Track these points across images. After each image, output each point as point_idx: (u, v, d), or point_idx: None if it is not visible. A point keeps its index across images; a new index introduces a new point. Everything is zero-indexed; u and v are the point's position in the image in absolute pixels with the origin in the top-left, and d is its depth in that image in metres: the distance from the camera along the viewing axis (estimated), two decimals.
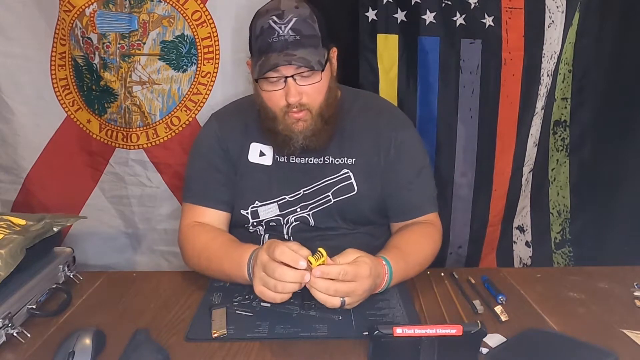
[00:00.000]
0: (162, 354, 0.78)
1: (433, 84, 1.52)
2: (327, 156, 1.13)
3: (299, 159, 1.14)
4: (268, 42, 1.01)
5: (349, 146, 1.14)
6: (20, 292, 0.89)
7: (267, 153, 1.15)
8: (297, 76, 1.02)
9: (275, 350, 0.81)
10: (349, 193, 1.12)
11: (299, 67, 1.01)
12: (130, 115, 1.51)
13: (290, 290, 0.85)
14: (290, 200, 1.13)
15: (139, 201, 1.57)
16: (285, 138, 1.07)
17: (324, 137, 1.09)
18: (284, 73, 1.02)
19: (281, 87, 1.03)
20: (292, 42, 1.00)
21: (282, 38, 1.00)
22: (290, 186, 1.13)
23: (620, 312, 0.93)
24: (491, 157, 1.57)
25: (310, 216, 1.13)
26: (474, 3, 1.46)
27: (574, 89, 1.62)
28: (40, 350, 0.82)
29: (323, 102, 1.07)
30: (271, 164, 1.15)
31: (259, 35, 1.03)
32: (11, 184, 1.56)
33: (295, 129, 1.06)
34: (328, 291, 0.84)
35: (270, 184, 1.14)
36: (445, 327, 0.72)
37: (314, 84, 1.04)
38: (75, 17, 1.42)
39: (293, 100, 1.03)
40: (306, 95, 1.04)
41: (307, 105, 1.05)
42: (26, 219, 1.01)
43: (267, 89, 1.05)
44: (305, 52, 1.01)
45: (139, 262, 1.62)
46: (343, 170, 1.13)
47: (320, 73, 1.04)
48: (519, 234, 1.72)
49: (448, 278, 1.06)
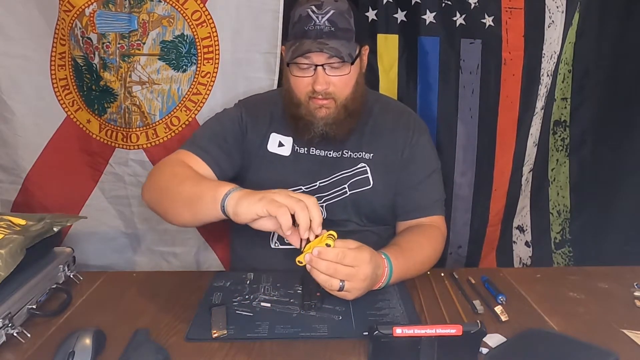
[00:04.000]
0: (162, 354, 0.78)
1: (433, 84, 1.52)
2: (346, 150, 1.16)
3: (318, 151, 1.17)
4: (304, 30, 1.05)
5: (367, 142, 1.17)
6: (20, 292, 0.88)
7: (286, 144, 1.18)
8: (327, 66, 1.06)
9: (275, 350, 0.81)
10: (365, 186, 1.14)
11: (330, 57, 1.05)
12: (130, 115, 1.51)
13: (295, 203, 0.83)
14: (306, 192, 1.14)
15: (138, 201, 1.57)
16: (306, 123, 1.10)
17: (344, 127, 1.12)
18: (314, 61, 1.06)
19: (310, 75, 1.07)
20: (326, 32, 1.05)
21: (317, 27, 1.05)
22: (307, 177, 1.15)
23: (620, 312, 0.93)
24: (491, 157, 1.58)
25: (324, 208, 1.14)
26: (474, 3, 1.46)
27: (574, 89, 1.62)
28: (40, 350, 0.82)
29: (349, 95, 1.10)
30: (289, 155, 1.17)
31: (296, 22, 1.08)
32: (11, 184, 1.56)
33: (318, 114, 1.09)
34: (328, 270, 0.85)
35: (287, 174, 1.16)
36: (445, 327, 0.72)
37: (342, 75, 1.08)
38: (75, 17, 1.42)
39: (320, 88, 1.06)
40: (333, 86, 1.08)
41: (332, 95, 1.09)
42: (26, 219, 1.01)
43: (296, 74, 1.09)
44: (338, 43, 1.05)
45: (139, 262, 1.62)
46: (360, 164, 1.15)
47: (350, 66, 1.07)
48: (519, 234, 1.72)
49: (448, 278, 1.06)
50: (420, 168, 1.18)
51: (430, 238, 1.12)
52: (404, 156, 1.17)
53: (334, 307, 0.92)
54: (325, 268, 0.85)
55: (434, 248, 1.11)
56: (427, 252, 1.09)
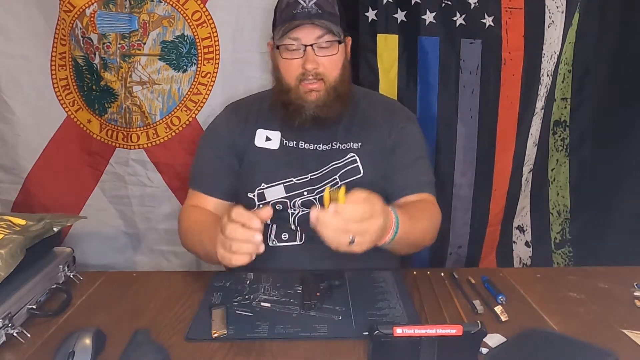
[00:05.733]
0: (162, 354, 0.78)
1: (433, 84, 1.52)
2: (335, 142, 1.17)
3: (307, 144, 1.17)
4: (292, 13, 1.08)
5: (356, 133, 1.18)
6: (20, 292, 0.89)
7: (274, 138, 1.19)
8: (315, 47, 1.08)
9: (275, 350, 0.81)
10: (356, 176, 1.14)
11: (319, 37, 1.08)
12: (130, 115, 1.51)
13: (245, 251, 0.81)
14: (297, 183, 1.15)
15: (139, 201, 1.58)
16: (297, 107, 1.11)
17: (334, 110, 1.13)
18: (304, 41, 1.08)
19: (300, 57, 1.09)
20: (314, 14, 1.08)
21: (305, 10, 1.08)
22: (298, 169, 1.16)
23: (620, 312, 0.93)
24: (491, 157, 1.58)
25: (316, 200, 1.14)
26: (474, 3, 1.46)
27: (573, 89, 1.62)
28: (40, 350, 0.82)
29: (338, 77, 1.12)
30: (277, 148, 1.18)
31: (284, 9, 1.11)
32: (11, 184, 1.56)
33: (308, 98, 1.10)
34: (338, 229, 0.78)
35: (277, 166, 1.16)
36: (445, 327, 0.72)
37: (331, 55, 1.10)
38: (76, 17, 1.42)
39: (310, 67, 1.08)
40: (322, 66, 1.10)
41: (322, 75, 1.10)
42: (26, 219, 1.01)
43: (285, 57, 1.11)
44: (326, 22, 1.08)
45: (139, 262, 1.62)
46: (349, 154, 1.16)
47: (338, 46, 1.11)
48: (519, 234, 1.72)
49: (448, 278, 1.06)
50: (408, 152, 1.17)
51: (426, 210, 1.10)
52: (391, 142, 1.17)
53: (334, 307, 0.93)
54: (336, 227, 0.78)
55: (430, 221, 1.08)
56: (425, 224, 1.06)
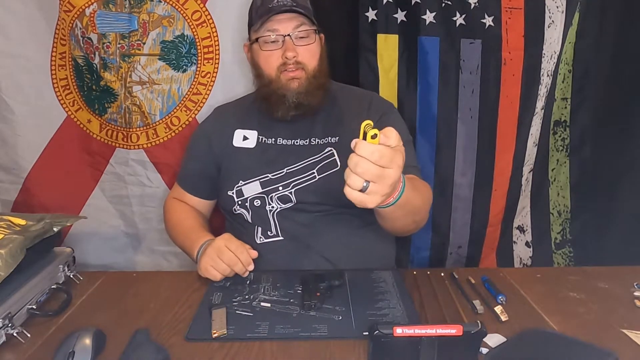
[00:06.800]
0: (162, 354, 0.78)
1: (433, 84, 1.52)
2: (313, 137, 1.19)
3: (285, 140, 1.20)
4: (268, 7, 1.12)
5: (333, 127, 1.20)
6: (20, 292, 0.89)
7: (251, 137, 1.22)
8: (294, 36, 1.13)
9: (275, 350, 0.81)
10: (333, 169, 1.15)
11: (296, 28, 1.12)
12: (130, 115, 1.51)
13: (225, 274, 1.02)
14: (273, 178, 1.17)
15: (139, 201, 1.58)
16: (279, 97, 1.14)
17: (316, 98, 1.16)
18: (282, 32, 1.12)
19: (279, 47, 1.13)
20: (289, 5, 1.12)
21: (280, 2, 1.12)
22: (274, 165, 1.18)
23: (620, 312, 0.93)
24: (491, 157, 1.57)
25: (292, 194, 1.16)
26: (474, 3, 1.46)
27: (574, 89, 1.62)
28: (40, 350, 0.82)
29: (317, 67, 1.16)
30: (254, 146, 1.21)
31: (259, 6, 1.15)
32: (11, 184, 1.56)
33: (290, 85, 1.14)
34: (355, 168, 0.73)
35: (253, 163, 1.19)
36: (445, 327, 0.72)
37: (309, 45, 1.15)
38: (76, 17, 1.42)
39: (290, 55, 1.12)
40: (301, 55, 1.14)
41: (302, 64, 1.14)
42: (26, 219, 1.01)
43: (265, 49, 1.14)
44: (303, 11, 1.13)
45: (139, 262, 1.62)
46: (327, 149, 1.17)
47: (315, 35, 1.16)
48: (519, 234, 1.72)
49: (448, 278, 1.06)
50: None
51: (422, 187, 1.06)
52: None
53: (334, 307, 0.93)
54: (353, 165, 0.73)
55: (425, 196, 1.04)
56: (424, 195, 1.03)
